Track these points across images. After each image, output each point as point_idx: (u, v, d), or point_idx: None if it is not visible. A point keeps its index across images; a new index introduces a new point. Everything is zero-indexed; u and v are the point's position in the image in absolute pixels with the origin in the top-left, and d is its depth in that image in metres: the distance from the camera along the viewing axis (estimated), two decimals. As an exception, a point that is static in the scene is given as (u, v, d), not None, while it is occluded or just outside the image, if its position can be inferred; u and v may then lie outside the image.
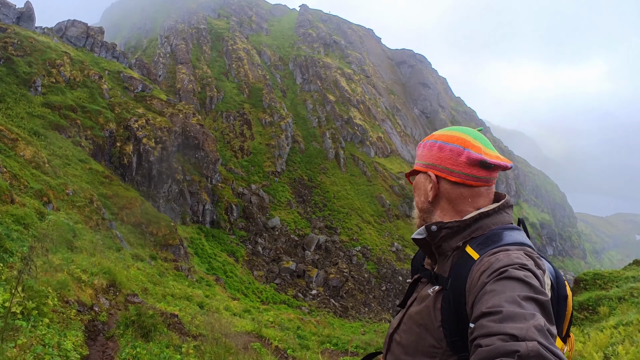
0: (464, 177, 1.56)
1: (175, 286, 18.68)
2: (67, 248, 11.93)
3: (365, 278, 40.39)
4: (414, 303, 1.62)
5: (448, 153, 1.59)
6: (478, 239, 1.50)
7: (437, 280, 1.53)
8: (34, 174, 20.14)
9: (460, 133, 1.63)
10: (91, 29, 43.70)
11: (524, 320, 1.13)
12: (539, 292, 1.24)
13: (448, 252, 1.55)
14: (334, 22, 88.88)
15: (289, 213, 46.88)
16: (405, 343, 1.56)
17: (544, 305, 1.21)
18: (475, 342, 1.17)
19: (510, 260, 1.33)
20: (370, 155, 59.40)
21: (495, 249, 1.42)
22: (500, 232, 1.50)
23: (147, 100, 40.62)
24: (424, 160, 1.68)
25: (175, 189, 37.55)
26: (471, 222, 1.53)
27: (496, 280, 1.28)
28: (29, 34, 36.10)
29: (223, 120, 55.78)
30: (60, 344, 5.60)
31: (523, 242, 1.47)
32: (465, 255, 1.47)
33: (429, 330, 1.47)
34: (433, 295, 1.51)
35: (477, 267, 1.39)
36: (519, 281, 1.25)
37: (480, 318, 1.21)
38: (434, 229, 1.55)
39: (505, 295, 1.21)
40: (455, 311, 1.41)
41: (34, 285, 6.18)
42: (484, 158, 1.54)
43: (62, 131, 29.72)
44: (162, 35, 66.27)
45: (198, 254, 34.01)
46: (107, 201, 26.48)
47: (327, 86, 66.42)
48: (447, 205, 1.61)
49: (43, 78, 32.71)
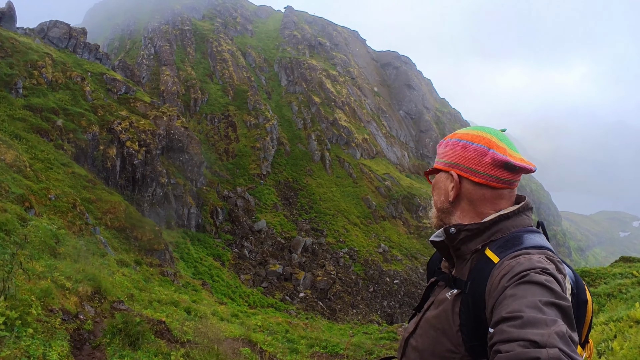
0: (488, 178, 1.54)
1: (162, 292, 18.43)
2: (50, 254, 11.63)
3: (353, 280, 40.41)
4: (430, 307, 1.60)
5: (472, 153, 1.56)
6: (497, 242, 1.47)
7: (456, 283, 1.51)
8: (15, 178, 19.71)
9: (485, 133, 1.60)
10: (74, 29, 43.00)
11: (545, 326, 1.11)
12: (560, 297, 1.22)
13: (467, 255, 1.52)
14: (319, 24, 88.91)
15: (275, 216, 46.71)
16: (421, 347, 1.54)
17: (565, 311, 1.19)
18: (495, 347, 1.15)
19: (532, 264, 1.31)
20: (356, 156, 59.49)
21: (515, 252, 1.39)
22: (521, 235, 1.47)
23: (131, 102, 40.10)
24: (446, 159, 1.64)
25: (160, 192, 37.12)
26: (491, 225, 1.51)
27: (517, 284, 1.26)
28: (10, 35, 35.37)
29: (208, 123, 55.38)
30: (46, 355, 5.47)
31: (544, 245, 1.45)
32: (485, 259, 1.45)
33: (447, 334, 1.45)
34: (451, 299, 1.49)
35: (498, 270, 1.36)
36: (540, 286, 1.23)
37: (500, 323, 1.18)
38: (453, 231, 1.52)
39: (526, 300, 1.19)
40: (475, 315, 1.39)
41: (16, 293, 5.99)
42: (509, 160, 1.52)
43: (43, 134, 29.16)
44: (145, 37, 65.56)
45: (184, 258, 33.69)
46: (90, 206, 26.06)
47: (313, 88, 66.39)
48: (467, 207, 1.59)
49: (24, 80, 32.08)
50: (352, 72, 77.20)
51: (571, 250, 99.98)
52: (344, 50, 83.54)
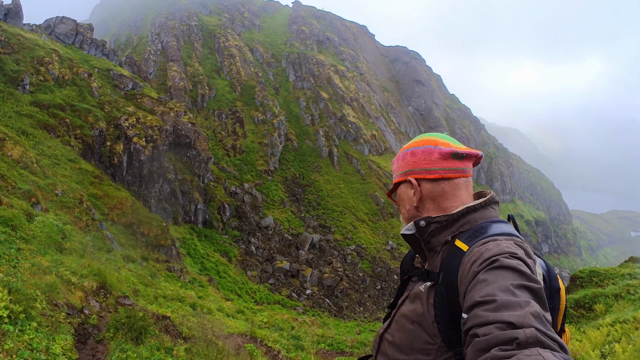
0: (442, 171, 1.60)
1: (167, 287, 18.48)
2: (56, 250, 11.62)
3: (360, 277, 40.14)
4: (405, 302, 1.63)
5: (421, 155, 1.64)
6: (466, 233, 1.52)
7: (429, 276, 1.54)
8: (22, 174, 19.81)
9: (427, 136, 1.69)
10: (80, 26, 42.98)
11: (520, 307, 1.13)
12: (531, 279, 1.24)
13: (437, 247, 1.57)
14: (327, 19, 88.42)
15: (282, 212, 46.51)
16: (398, 342, 1.57)
17: (537, 292, 1.22)
18: (471, 332, 1.17)
19: (501, 249, 1.34)
20: (364, 153, 59.10)
21: (484, 239, 1.43)
22: (488, 225, 1.52)
23: (138, 98, 40.03)
24: (400, 171, 1.72)
25: (167, 188, 37.05)
26: (459, 217, 1.56)
27: (487, 269, 1.28)
28: (17, 31, 35.38)
29: (215, 119, 55.26)
30: (49, 348, 5.50)
31: (512, 233, 1.49)
32: (455, 249, 1.49)
33: (423, 326, 1.47)
34: (425, 292, 1.52)
35: (468, 257, 1.40)
36: (510, 269, 1.25)
37: (474, 307, 1.20)
38: (423, 224, 1.58)
39: (498, 284, 1.21)
40: (449, 305, 1.41)
41: (21, 288, 6.03)
42: (454, 149, 1.60)
43: (50, 130, 29.16)
44: (152, 32, 65.52)
45: (190, 254, 33.61)
46: (97, 201, 26.06)
47: (321, 83, 66.01)
48: (432, 206, 1.64)
49: (31, 76, 32.07)
50: (360, 67, 76.71)
51: (581, 250, 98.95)
52: (352, 45, 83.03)
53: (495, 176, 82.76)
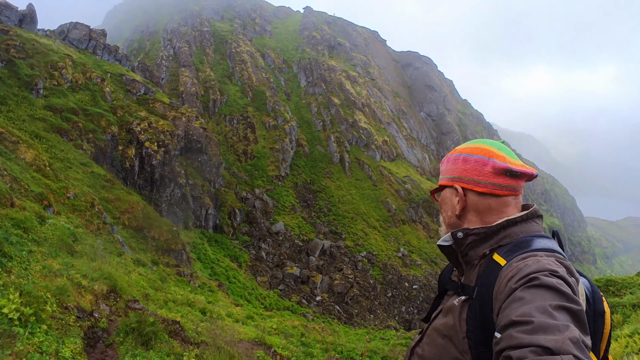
0: (491, 187, 1.55)
1: (177, 292, 18.40)
2: (67, 252, 11.63)
3: (371, 284, 39.72)
4: (439, 315, 1.59)
5: (473, 164, 1.58)
6: (506, 247, 1.45)
7: (464, 290, 1.49)
8: (35, 177, 20.03)
9: (483, 144, 1.61)
10: (94, 31, 43.39)
11: (558, 332, 1.08)
12: (571, 300, 1.18)
13: (475, 260, 1.51)
14: (338, 25, 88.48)
15: (293, 218, 46.31)
16: (428, 356, 1.52)
17: (577, 315, 1.16)
18: (505, 353, 1.12)
19: (541, 266, 1.28)
20: (375, 159, 58.76)
21: (523, 255, 1.37)
22: (529, 240, 1.45)
23: (150, 103, 40.21)
24: (449, 175, 1.67)
25: (178, 193, 37.08)
26: (498, 229, 1.49)
27: (525, 287, 1.23)
28: (31, 37, 35.77)
29: (226, 124, 55.36)
30: (59, 352, 5.50)
31: (554, 249, 1.42)
32: (493, 263, 1.43)
33: (454, 341, 1.43)
34: (459, 306, 1.47)
35: (505, 273, 1.34)
36: (550, 289, 1.19)
37: (509, 327, 1.15)
38: (460, 235, 1.53)
39: (536, 304, 1.16)
40: (482, 321, 1.36)
41: (32, 290, 6.03)
42: (509, 166, 1.53)
43: (63, 134, 29.41)
44: (164, 38, 66.03)
45: (201, 259, 33.55)
46: (108, 205, 26.15)
47: (332, 89, 65.92)
48: (474, 218, 1.57)
49: (45, 81, 32.40)
50: (372, 73, 76.52)
51: (596, 258, 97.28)
52: (363, 50, 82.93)
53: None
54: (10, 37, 33.36)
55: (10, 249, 8.10)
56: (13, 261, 7.66)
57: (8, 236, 8.96)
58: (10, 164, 18.84)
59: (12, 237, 9.05)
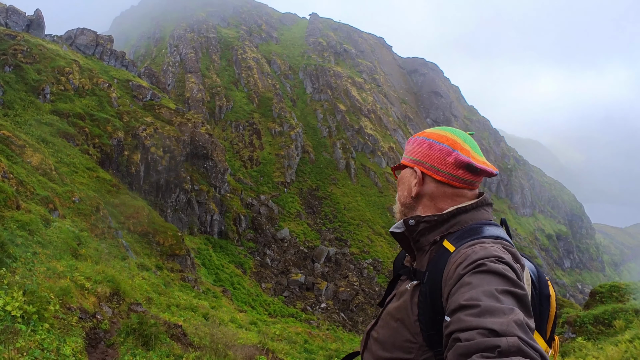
0: (450, 177, 1.57)
1: (181, 297, 18.43)
2: (72, 255, 11.81)
3: (376, 292, 39.39)
4: (392, 299, 1.63)
5: (437, 152, 1.60)
6: (455, 234, 1.50)
7: (416, 275, 1.53)
8: (41, 180, 20.21)
9: (450, 134, 1.63)
10: (100, 37, 43.64)
11: (503, 314, 1.12)
12: (517, 285, 1.23)
13: (426, 246, 1.55)
14: (344, 31, 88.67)
15: (298, 224, 46.12)
16: (382, 339, 1.56)
17: (522, 299, 1.20)
18: (453, 335, 1.16)
19: (488, 252, 1.32)
20: (381, 165, 58.51)
21: (472, 242, 1.41)
22: (478, 227, 1.50)
23: (156, 109, 40.29)
24: (412, 156, 1.69)
25: (183, 198, 37.03)
26: (449, 217, 1.54)
27: (473, 272, 1.26)
28: (39, 42, 36.01)
29: (232, 130, 55.40)
30: (60, 349, 5.63)
31: (501, 236, 1.47)
32: (442, 249, 1.47)
33: (406, 324, 1.47)
34: (410, 290, 1.51)
35: (454, 259, 1.38)
36: (496, 274, 1.24)
37: (458, 311, 1.19)
38: (412, 222, 1.56)
39: (483, 288, 1.20)
40: (432, 304, 1.40)
41: (36, 290, 6.18)
42: (471, 161, 1.55)
43: (70, 139, 29.50)
44: (171, 44, 66.39)
45: (205, 264, 33.41)
46: (113, 210, 26.17)
47: (338, 95, 65.88)
48: (429, 203, 1.62)
49: (52, 85, 32.59)
50: (378, 79, 76.50)
51: (604, 265, 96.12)
52: (369, 57, 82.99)
53: (515, 189, 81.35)
54: (17, 42, 33.59)
55: (15, 250, 8.32)
56: (18, 262, 7.84)
57: (14, 238, 9.24)
58: (17, 167, 19.04)
59: (17, 239, 9.34)
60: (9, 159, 19.46)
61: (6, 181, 15.32)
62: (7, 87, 29.56)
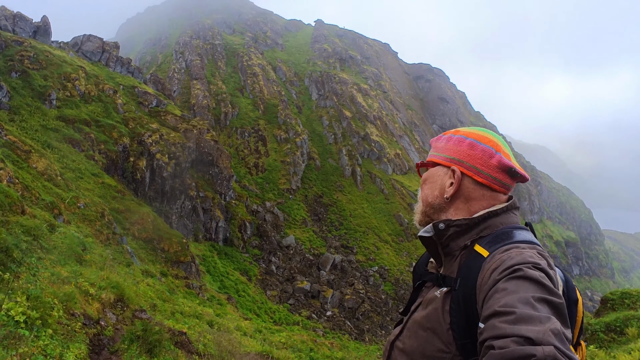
0: (491, 180, 1.52)
1: (185, 304, 18.25)
2: (76, 261, 11.77)
3: (383, 299, 38.98)
4: (418, 308, 1.57)
5: (479, 152, 1.54)
6: (487, 238, 1.46)
7: (445, 281, 1.47)
8: (46, 186, 20.28)
9: (492, 135, 1.59)
10: (107, 43, 43.80)
11: (540, 323, 1.08)
12: (553, 293, 1.19)
13: (456, 251, 1.51)
14: (349, 37, 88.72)
15: (304, 231, 45.83)
16: (409, 350, 1.50)
17: (558, 307, 1.17)
18: (487, 343, 1.13)
19: (524, 258, 1.28)
20: (387, 172, 58.18)
21: (506, 246, 1.37)
22: (510, 231, 1.46)
23: (162, 115, 40.28)
24: (447, 154, 1.60)
25: (188, 205, 36.88)
26: (480, 221, 1.49)
27: (509, 278, 1.23)
28: (45, 48, 36.17)
29: (238, 137, 55.33)
30: (62, 355, 5.59)
31: (534, 241, 1.43)
32: (475, 254, 1.43)
33: (437, 333, 1.41)
34: (441, 297, 1.45)
35: (489, 264, 1.33)
36: (532, 281, 1.20)
37: (492, 318, 1.16)
38: (442, 226, 1.51)
39: (519, 295, 1.16)
40: (466, 312, 1.36)
41: (39, 295, 6.15)
42: (513, 166, 1.52)
43: (75, 145, 29.57)
44: (177, 51, 66.64)
45: (210, 271, 33.20)
46: (118, 216, 26.14)
47: (344, 102, 65.75)
48: (462, 205, 1.55)
49: (58, 91, 32.71)
50: (383, 85, 76.36)
51: (614, 272, 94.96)
52: (375, 63, 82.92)
53: (522, 195, 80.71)
54: (24, 48, 33.73)
55: (19, 255, 8.25)
56: (22, 267, 7.78)
57: (18, 242, 9.13)
58: (22, 172, 19.15)
59: (22, 244, 9.23)
60: (14, 164, 19.55)
61: (12, 186, 15.40)
62: (14, 93, 29.64)
